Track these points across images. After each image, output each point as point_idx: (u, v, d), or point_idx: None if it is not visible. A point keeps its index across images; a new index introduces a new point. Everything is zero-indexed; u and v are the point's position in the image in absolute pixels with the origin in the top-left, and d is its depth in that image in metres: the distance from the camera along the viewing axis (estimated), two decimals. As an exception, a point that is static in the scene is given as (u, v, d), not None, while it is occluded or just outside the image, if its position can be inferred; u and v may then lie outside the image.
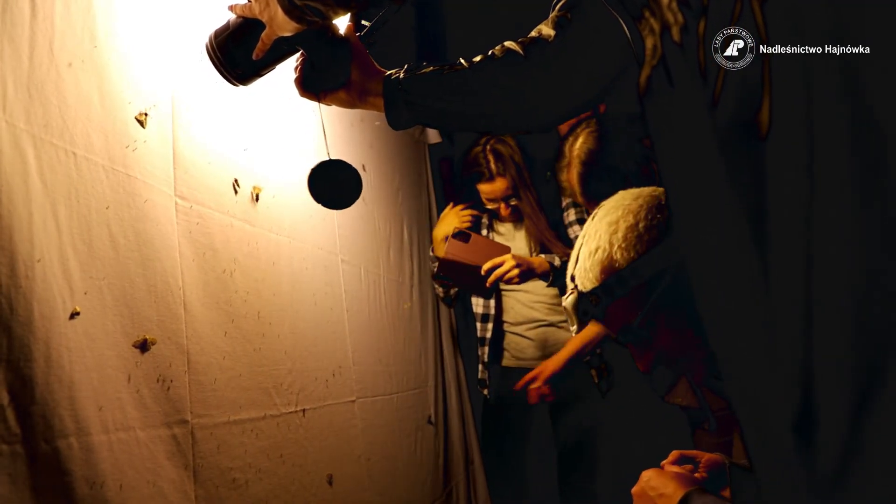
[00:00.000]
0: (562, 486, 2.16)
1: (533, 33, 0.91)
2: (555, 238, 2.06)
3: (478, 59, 0.93)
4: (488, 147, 2.04)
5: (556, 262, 1.90)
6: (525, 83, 0.89)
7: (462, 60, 0.94)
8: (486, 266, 1.84)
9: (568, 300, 0.99)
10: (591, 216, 1.02)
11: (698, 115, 0.76)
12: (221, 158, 1.21)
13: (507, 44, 0.91)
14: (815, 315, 0.67)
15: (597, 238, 0.97)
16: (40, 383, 0.76)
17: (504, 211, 2.08)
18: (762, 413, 0.72)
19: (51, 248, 0.81)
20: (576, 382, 2.05)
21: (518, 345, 2.17)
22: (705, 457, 1.03)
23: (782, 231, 0.70)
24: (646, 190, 1.00)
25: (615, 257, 0.94)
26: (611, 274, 0.94)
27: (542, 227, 2.05)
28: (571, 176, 1.57)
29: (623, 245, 0.94)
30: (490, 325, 2.19)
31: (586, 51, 0.87)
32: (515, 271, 1.82)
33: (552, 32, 0.88)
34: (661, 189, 0.97)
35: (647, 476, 0.96)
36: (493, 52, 0.92)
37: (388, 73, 0.99)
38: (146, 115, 1.02)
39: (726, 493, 0.97)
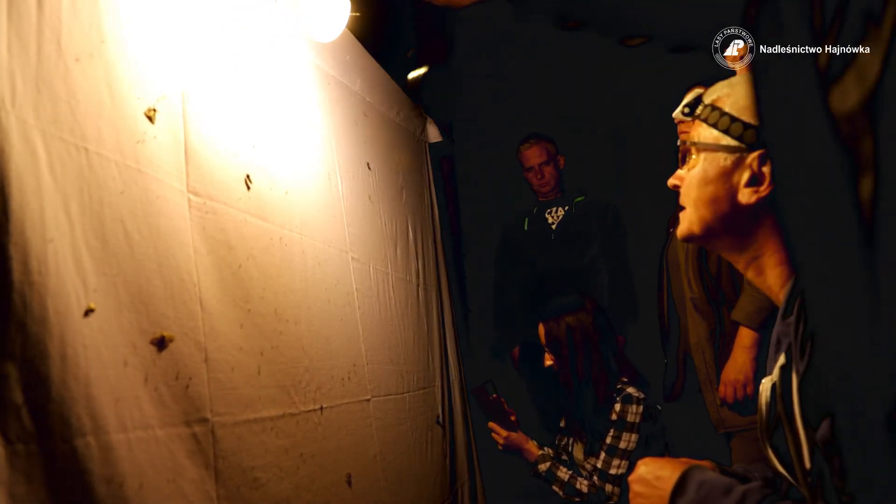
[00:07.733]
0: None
1: None
2: None
3: None
4: None
5: (542, 467, 2.12)
6: None
7: None
8: (490, 424, 2.26)
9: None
10: None
11: (806, 74, 0.68)
12: (232, 154, 1.20)
13: None
14: None
15: None
16: (56, 381, 0.74)
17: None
18: (858, 401, 0.67)
19: (63, 243, 0.79)
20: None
21: None
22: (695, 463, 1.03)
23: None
24: None
25: None
26: None
27: None
28: None
29: None
30: None
31: None
32: (500, 445, 2.24)
33: None
34: None
35: (643, 462, 0.99)
36: None
37: None
38: (155, 110, 1.00)
39: None
